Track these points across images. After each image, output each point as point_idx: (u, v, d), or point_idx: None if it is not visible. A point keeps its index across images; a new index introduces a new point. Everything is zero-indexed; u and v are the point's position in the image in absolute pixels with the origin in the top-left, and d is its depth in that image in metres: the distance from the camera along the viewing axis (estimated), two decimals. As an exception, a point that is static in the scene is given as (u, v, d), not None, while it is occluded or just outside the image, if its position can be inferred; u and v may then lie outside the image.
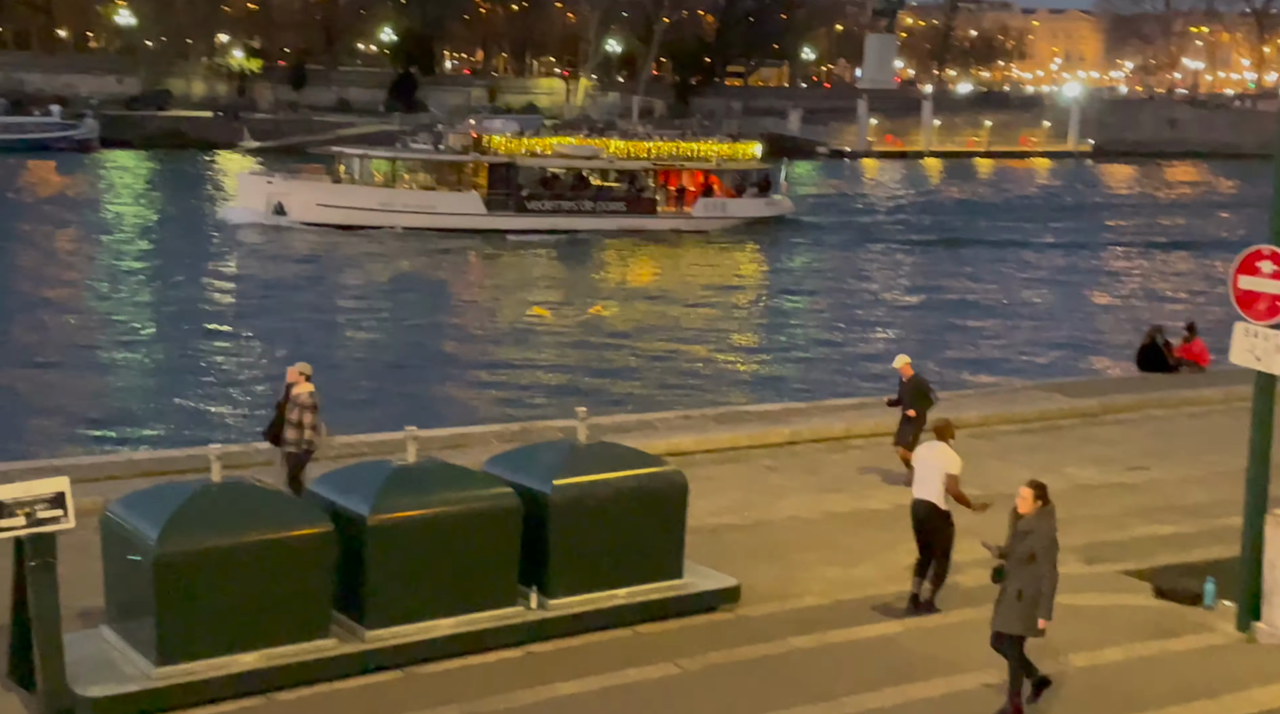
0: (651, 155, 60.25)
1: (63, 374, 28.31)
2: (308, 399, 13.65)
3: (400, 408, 25.39)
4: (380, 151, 59.94)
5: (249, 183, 57.12)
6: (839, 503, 15.53)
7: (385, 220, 54.65)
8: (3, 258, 44.91)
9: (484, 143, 57.82)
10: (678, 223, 59.61)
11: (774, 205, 63.44)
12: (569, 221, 57.09)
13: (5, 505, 9.06)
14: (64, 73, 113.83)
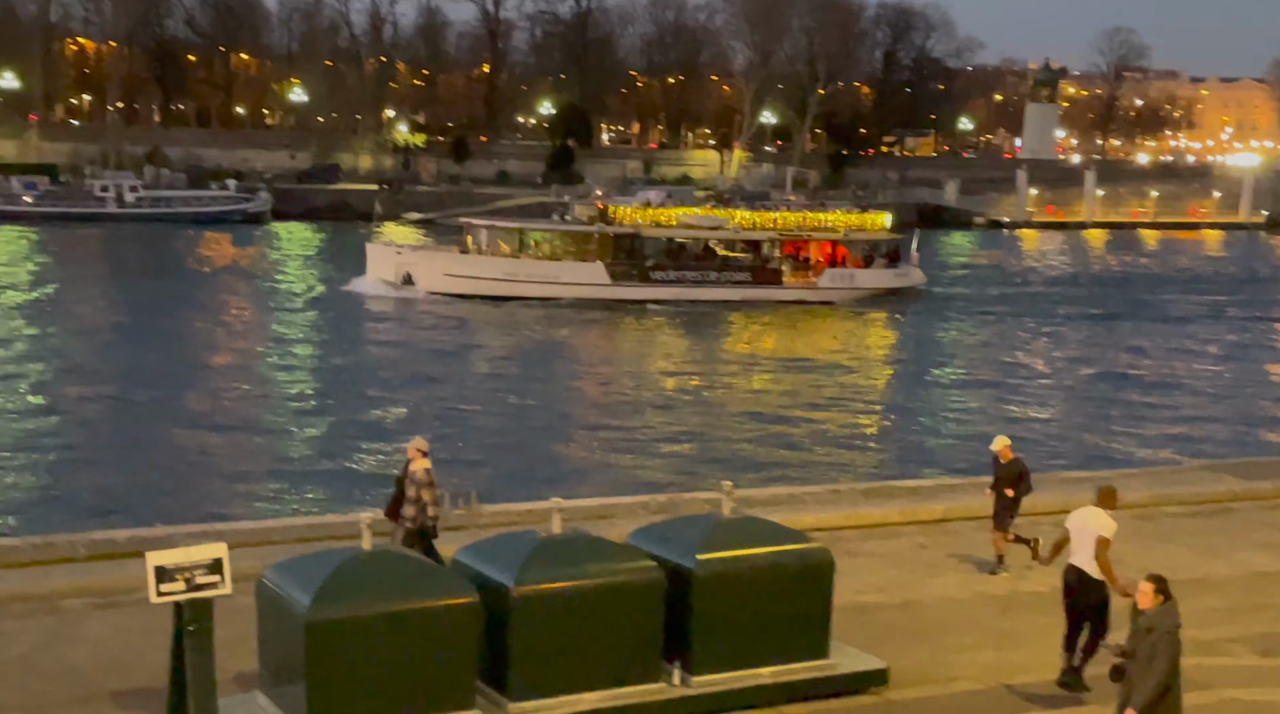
0: (778, 226, 59.89)
1: (225, 439, 29.25)
2: (424, 476, 13.64)
3: (548, 476, 25.61)
4: (505, 222, 60.77)
5: (378, 253, 58.30)
6: (994, 584, 15.07)
7: (511, 290, 55.27)
8: (179, 325, 46.78)
9: (609, 214, 58.31)
10: (804, 294, 59.06)
11: (904, 276, 62.49)
12: (693, 292, 57.13)
13: (166, 571, 9.35)
14: (240, 148, 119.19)
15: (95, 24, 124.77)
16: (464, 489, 16.43)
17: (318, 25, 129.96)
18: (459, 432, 30.45)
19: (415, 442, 14.06)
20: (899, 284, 62.08)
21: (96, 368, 38.02)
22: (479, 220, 61.22)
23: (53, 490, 24.35)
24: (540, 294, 55.23)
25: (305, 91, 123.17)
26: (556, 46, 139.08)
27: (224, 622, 10.77)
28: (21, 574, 13.79)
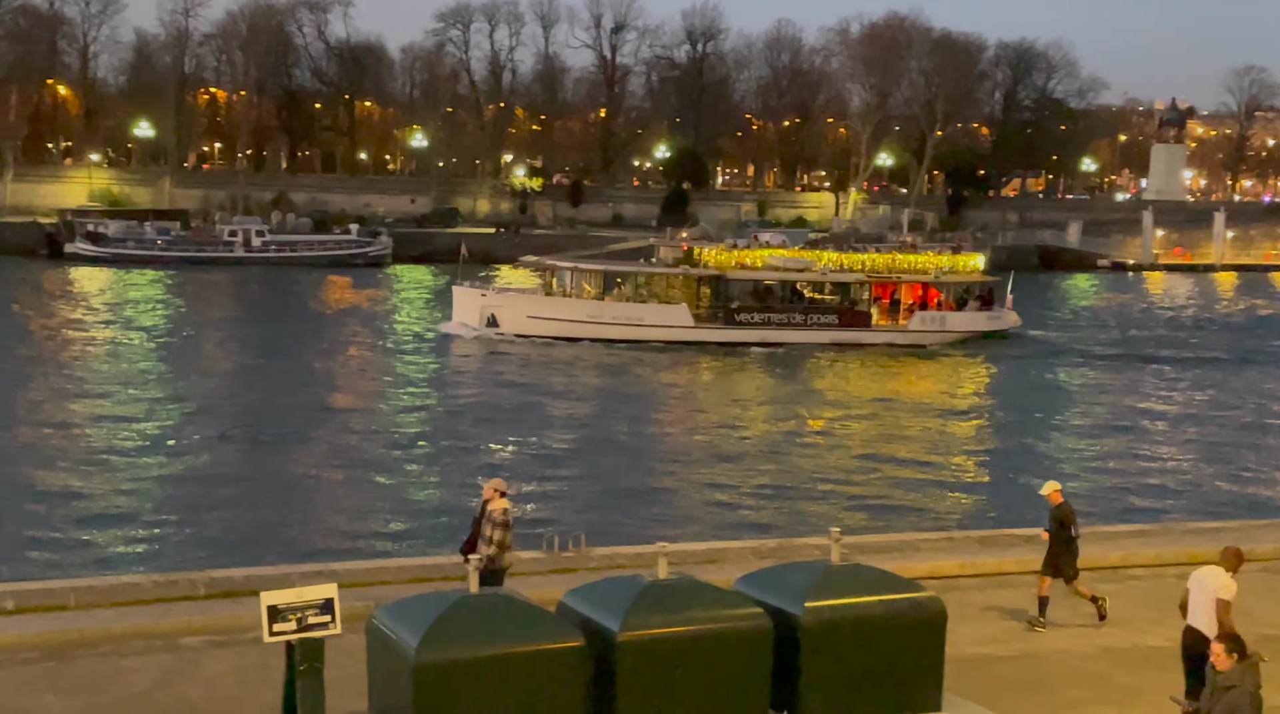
0: (866, 268, 59.12)
1: (341, 478, 29.74)
2: (501, 516, 13.63)
3: (655, 519, 25.62)
4: (589, 264, 60.98)
5: (464, 296, 58.58)
6: (1115, 637, 14.64)
7: (594, 332, 55.33)
8: (297, 365, 47.81)
9: (695, 256, 58.10)
10: (893, 337, 58.32)
11: (997, 319, 61.28)
12: (779, 334, 56.61)
13: (278, 610, 9.51)
14: (363, 193, 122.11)
15: (227, 74, 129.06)
16: (572, 531, 16.48)
17: (439, 73, 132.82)
18: (561, 473, 30.60)
19: (493, 482, 14.08)
20: (992, 327, 60.90)
21: (220, 407, 39.00)
22: (563, 263, 61.52)
23: (177, 528, 24.97)
24: (623, 336, 55.25)
25: (426, 137, 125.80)
26: (672, 91, 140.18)
27: (336, 662, 10.91)
28: (143, 611, 14.12)
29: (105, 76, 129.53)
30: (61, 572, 19.73)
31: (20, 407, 37.49)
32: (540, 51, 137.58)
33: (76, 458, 31.01)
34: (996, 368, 53.60)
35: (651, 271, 59.05)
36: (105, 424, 35.42)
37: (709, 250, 58.88)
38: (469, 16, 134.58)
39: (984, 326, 60.68)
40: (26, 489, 27.50)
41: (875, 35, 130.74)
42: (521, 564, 15.79)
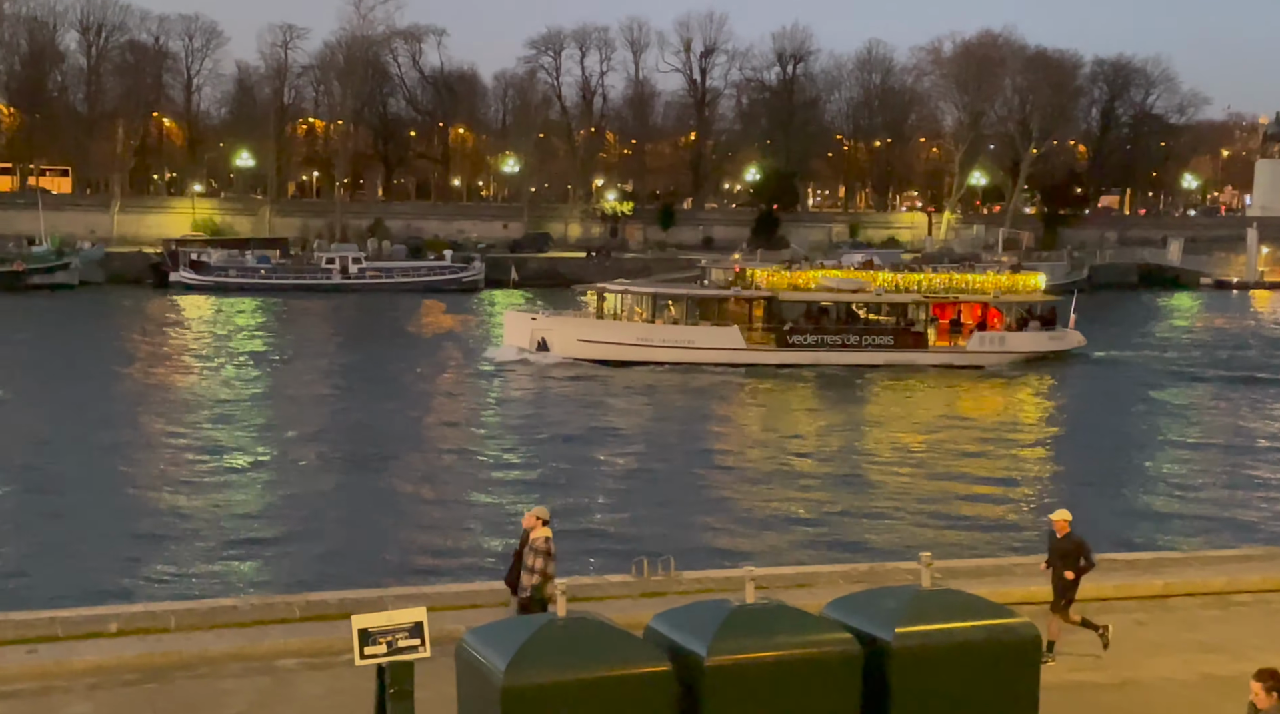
0: (923, 288, 58.12)
1: (431, 499, 30.04)
2: (544, 544, 13.45)
3: (742, 543, 25.51)
4: (639, 287, 60.56)
5: (514, 320, 58.52)
6: (1220, 665, 14.24)
7: (645, 355, 54.92)
8: (391, 390, 48.42)
9: (746, 277, 57.60)
10: (950, 358, 57.20)
11: (1059, 339, 59.86)
12: (832, 356, 55.82)
13: (369, 634, 9.63)
14: (456, 219, 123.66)
15: (324, 105, 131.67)
16: (661, 555, 16.45)
17: (531, 99, 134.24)
18: (645, 497, 30.56)
19: (536, 510, 13.86)
20: (1053, 347, 59.45)
21: (315, 431, 39.59)
22: (613, 286, 61.11)
23: (273, 551, 25.38)
24: (674, 359, 54.82)
25: (518, 163, 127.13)
26: (762, 113, 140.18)
27: (426, 684, 11.01)
28: (240, 633, 14.37)
29: (208, 109, 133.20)
30: (163, 594, 20.14)
31: (126, 431, 38.45)
32: (631, 76, 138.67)
33: (178, 482, 31.69)
34: (1061, 388, 52.36)
35: (702, 294, 58.57)
36: (206, 449, 36.17)
37: (761, 271, 58.44)
38: (560, 43, 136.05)
39: (1045, 347, 59.30)
40: (130, 513, 28.15)
41: (968, 53, 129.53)
42: (610, 587, 15.86)
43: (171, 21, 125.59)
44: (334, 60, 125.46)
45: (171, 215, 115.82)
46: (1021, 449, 38.64)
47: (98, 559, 24.18)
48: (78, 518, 27.43)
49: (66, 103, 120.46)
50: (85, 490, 30.37)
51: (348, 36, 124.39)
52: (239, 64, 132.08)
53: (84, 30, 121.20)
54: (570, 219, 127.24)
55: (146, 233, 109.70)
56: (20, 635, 13.94)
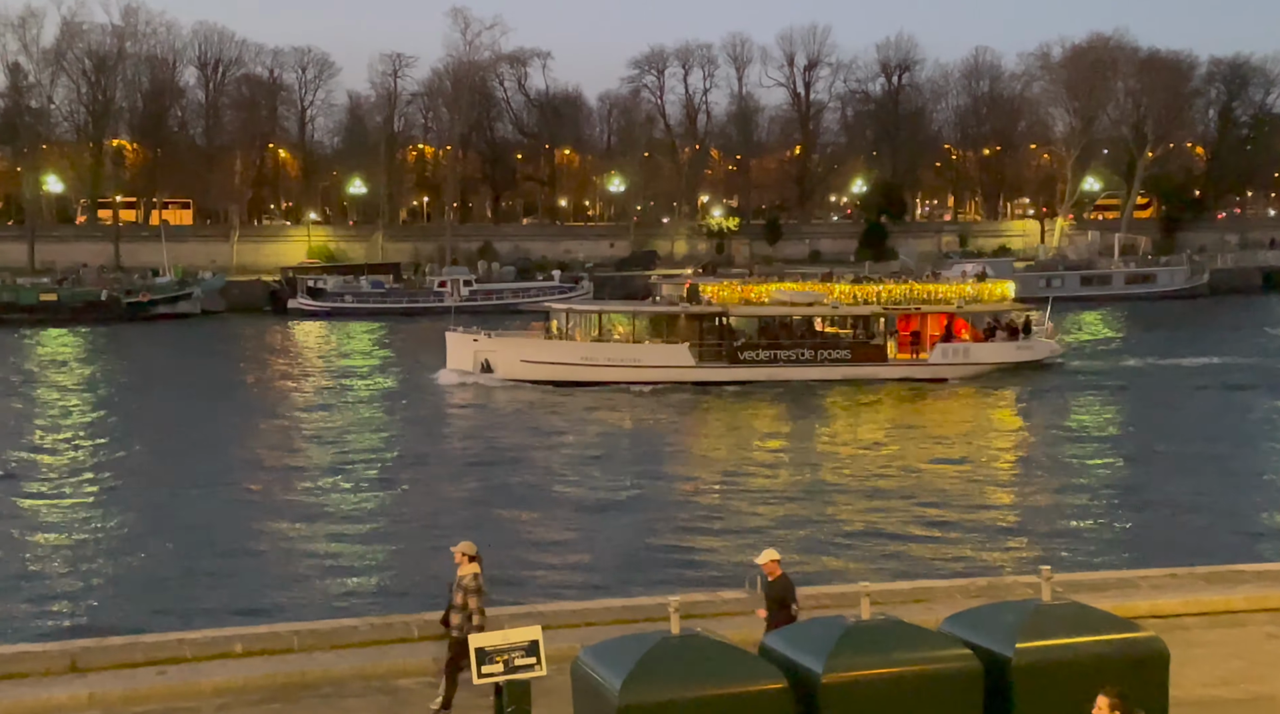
0: (883, 299, 56.19)
1: (543, 520, 30.23)
2: (470, 581, 13.03)
3: (855, 559, 25.23)
4: (585, 306, 59.23)
5: (457, 342, 56.79)
6: (1356, 679, 13.75)
7: (590, 375, 53.57)
8: (510, 411, 48.95)
9: (696, 293, 56.19)
10: (911, 371, 55.44)
11: (1028, 350, 57.82)
12: (787, 372, 54.32)
13: (486, 653, 9.74)
14: (563, 240, 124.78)
15: (433, 131, 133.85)
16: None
17: (635, 118, 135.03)
18: (754, 513, 30.37)
19: (461, 545, 13.33)
20: (1021, 358, 57.51)
21: (430, 452, 40.19)
22: (559, 304, 59.77)
23: (390, 571, 25.75)
24: (621, 378, 53.52)
25: (623, 182, 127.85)
26: (868, 124, 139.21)
27: (542, 702, 11.10)
28: (361, 653, 14.61)
29: (321, 139, 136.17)
30: (285, 615, 20.55)
31: (247, 456, 39.37)
32: (734, 92, 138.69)
33: (294, 504, 32.33)
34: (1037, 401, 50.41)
35: (648, 310, 57.32)
36: (324, 472, 36.88)
37: (711, 287, 57.01)
38: (663, 62, 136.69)
39: (1013, 357, 57.36)
40: (252, 536, 28.79)
41: (1078, 58, 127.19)
42: (723, 604, 15.80)
43: (285, 54, 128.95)
44: (442, 87, 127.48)
45: (288, 244, 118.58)
46: (1125, 460, 37.63)
47: (220, 581, 24.76)
48: (199, 540, 28.12)
49: (187, 137, 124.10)
50: (205, 513, 31.14)
51: (455, 63, 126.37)
52: (350, 94, 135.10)
53: (202, 66, 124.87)
54: (676, 237, 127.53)
55: (264, 261, 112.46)
56: (150, 657, 14.33)
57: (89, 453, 40.08)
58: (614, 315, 57.73)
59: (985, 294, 57.96)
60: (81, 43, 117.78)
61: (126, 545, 27.92)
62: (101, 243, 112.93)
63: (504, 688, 9.89)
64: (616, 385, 52.98)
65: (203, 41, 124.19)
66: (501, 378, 54.33)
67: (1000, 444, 41.19)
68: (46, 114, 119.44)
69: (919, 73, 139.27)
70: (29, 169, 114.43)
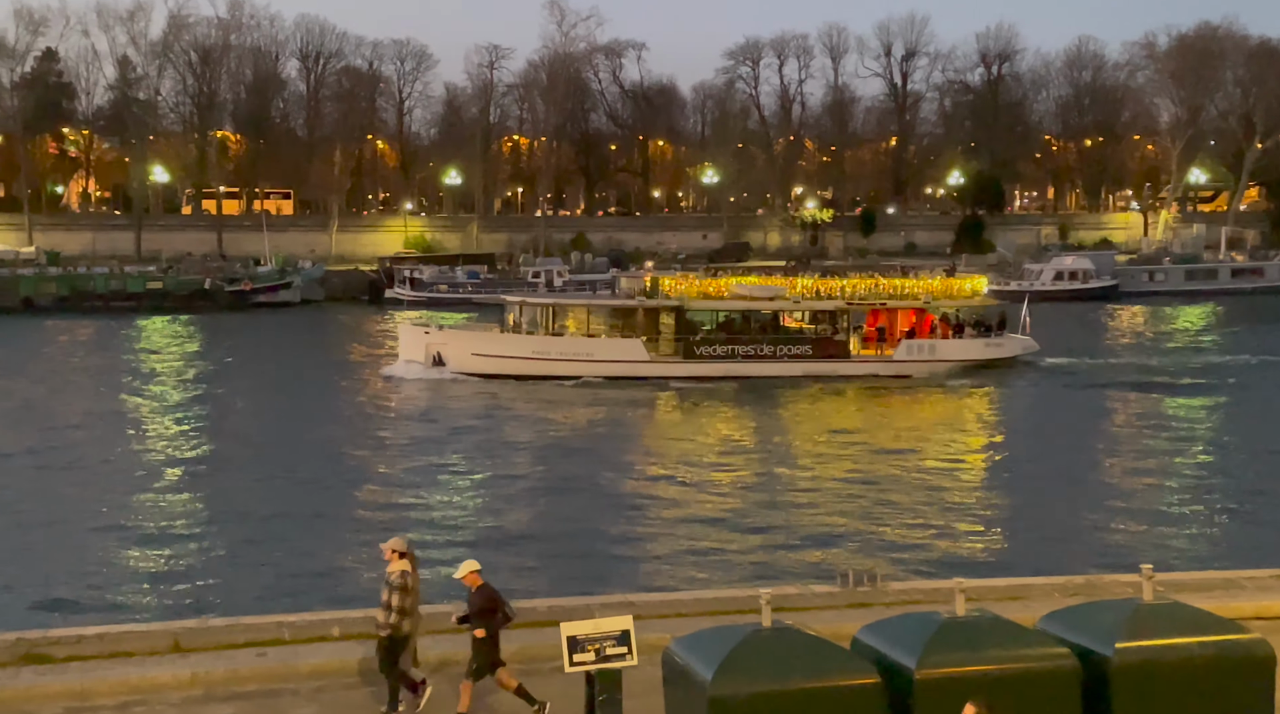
0: (846, 294, 54.63)
1: (635, 510, 30.28)
2: (397, 579, 12.81)
3: (949, 555, 24.95)
4: (539, 298, 58.51)
5: (409, 334, 55.93)
6: None
7: (542, 369, 52.56)
8: (609, 400, 49.16)
9: (653, 286, 54.92)
10: (875, 368, 54.05)
11: (997, 346, 56.11)
12: (745, 367, 53.09)
13: (578, 641, 9.78)
14: (656, 231, 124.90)
15: (528, 122, 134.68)
16: (866, 566, 16.25)
17: (729, 109, 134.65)
18: (839, 507, 30.13)
19: (391, 541, 13.14)
20: (990, 356, 55.79)
21: (528, 443, 40.50)
22: (513, 297, 59.24)
23: (486, 557, 25.91)
24: (573, 373, 52.61)
25: (717, 173, 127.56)
26: (966, 115, 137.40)
27: (634, 692, 11.12)
28: (453, 639, 14.73)
29: (418, 130, 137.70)
30: (379, 602, 20.78)
31: (349, 441, 39.95)
32: (830, 83, 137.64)
33: (392, 488, 32.77)
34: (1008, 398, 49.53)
35: (604, 303, 56.35)
36: (425, 453, 37.36)
37: (669, 279, 55.71)
38: (759, 52, 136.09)
39: (981, 355, 55.67)
40: (350, 522, 29.24)
41: (1185, 47, 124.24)
42: (814, 598, 15.71)
43: (385, 46, 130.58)
44: (537, 78, 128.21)
45: (385, 234, 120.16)
46: (1211, 458, 36.72)
47: (318, 566, 25.17)
48: (299, 525, 28.62)
49: (288, 128, 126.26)
50: (306, 498, 31.68)
51: (550, 54, 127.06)
52: (447, 85, 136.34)
53: (303, 58, 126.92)
54: (770, 228, 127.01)
55: (362, 251, 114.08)
56: (250, 639, 14.61)
57: (192, 438, 41.01)
58: (569, 308, 56.98)
59: (954, 289, 56.57)
60: (188, 35, 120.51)
61: (227, 529, 28.51)
62: (205, 232, 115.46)
63: (595, 677, 9.92)
64: (568, 380, 52.26)
65: (304, 34, 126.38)
66: (453, 371, 53.31)
67: (1057, 442, 40.27)
68: (154, 106, 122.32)
69: (1019, 62, 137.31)
70: (137, 160, 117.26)
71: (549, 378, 52.11)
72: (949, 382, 52.73)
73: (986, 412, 47.40)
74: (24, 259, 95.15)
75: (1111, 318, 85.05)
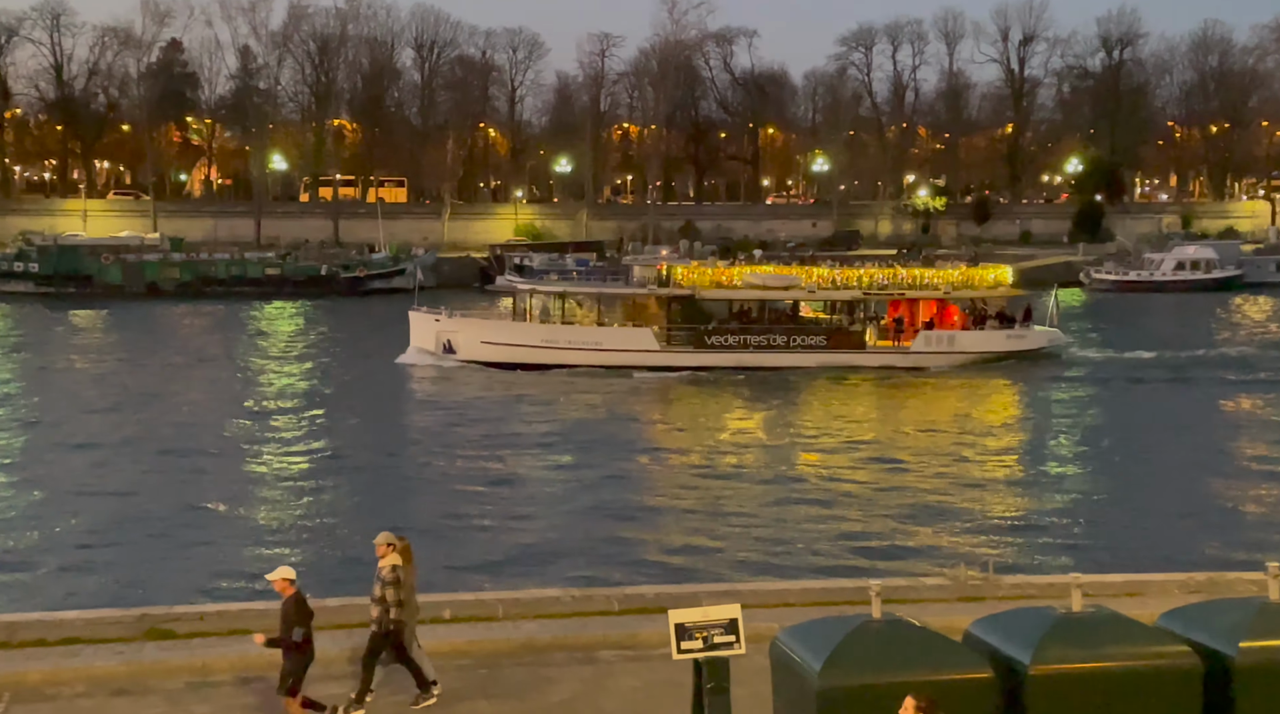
0: (864, 284, 53.33)
1: (741, 498, 30.22)
2: (389, 574, 12.62)
3: (1066, 549, 24.49)
4: (549, 286, 57.74)
5: (419, 322, 55.21)
6: None
7: (550, 358, 51.96)
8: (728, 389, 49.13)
9: (666, 275, 53.78)
10: (891, 359, 52.57)
11: (1019, 339, 54.32)
12: (756, 358, 52.03)
13: (686, 629, 9.77)
14: (766, 219, 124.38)
15: (638, 110, 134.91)
16: (981, 559, 16.02)
17: (841, 97, 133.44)
18: (948, 498, 29.70)
19: (381, 535, 12.96)
20: (1013, 348, 54.07)
21: (627, 429, 40.63)
22: (523, 285, 58.46)
23: (592, 544, 26.12)
24: (581, 361, 51.91)
25: (827, 161, 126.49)
26: (1085, 101, 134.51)
27: (741, 681, 11.08)
28: (563, 624, 14.87)
29: (529, 118, 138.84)
30: (491, 584, 21.06)
31: (460, 428, 40.48)
32: (944, 69, 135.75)
33: (504, 475, 33.13)
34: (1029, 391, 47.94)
35: (614, 292, 55.45)
36: (539, 444, 37.69)
37: (682, 268, 54.71)
38: (872, 39, 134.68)
39: (1001, 347, 54.08)
40: (460, 502, 29.62)
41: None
42: (925, 590, 15.52)
43: (497, 35, 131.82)
44: (648, 66, 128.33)
45: (496, 221, 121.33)
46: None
47: (432, 547, 25.54)
48: (410, 506, 29.08)
49: (402, 117, 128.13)
50: (414, 481, 32.19)
51: (661, 42, 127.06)
52: (559, 74, 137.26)
53: (418, 48, 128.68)
54: (880, 216, 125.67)
55: (473, 238, 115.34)
56: (365, 619, 14.82)
57: (310, 420, 41.84)
58: (580, 297, 56.54)
59: (975, 280, 55.15)
60: (307, 26, 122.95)
61: (340, 508, 29.07)
62: (322, 219, 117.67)
63: (704, 665, 9.91)
64: (577, 368, 51.79)
65: (420, 23, 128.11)
66: (463, 359, 53.10)
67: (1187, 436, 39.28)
68: (273, 95, 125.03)
69: (1142, 47, 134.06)
70: (257, 148, 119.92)
71: (558, 366, 51.90)
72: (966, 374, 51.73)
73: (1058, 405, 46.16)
74: (149, 245, 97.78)
75: (1231, 309, 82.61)
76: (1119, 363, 54.62)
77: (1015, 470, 33.71)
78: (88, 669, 13.50)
